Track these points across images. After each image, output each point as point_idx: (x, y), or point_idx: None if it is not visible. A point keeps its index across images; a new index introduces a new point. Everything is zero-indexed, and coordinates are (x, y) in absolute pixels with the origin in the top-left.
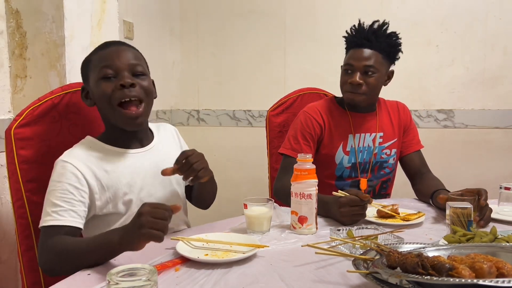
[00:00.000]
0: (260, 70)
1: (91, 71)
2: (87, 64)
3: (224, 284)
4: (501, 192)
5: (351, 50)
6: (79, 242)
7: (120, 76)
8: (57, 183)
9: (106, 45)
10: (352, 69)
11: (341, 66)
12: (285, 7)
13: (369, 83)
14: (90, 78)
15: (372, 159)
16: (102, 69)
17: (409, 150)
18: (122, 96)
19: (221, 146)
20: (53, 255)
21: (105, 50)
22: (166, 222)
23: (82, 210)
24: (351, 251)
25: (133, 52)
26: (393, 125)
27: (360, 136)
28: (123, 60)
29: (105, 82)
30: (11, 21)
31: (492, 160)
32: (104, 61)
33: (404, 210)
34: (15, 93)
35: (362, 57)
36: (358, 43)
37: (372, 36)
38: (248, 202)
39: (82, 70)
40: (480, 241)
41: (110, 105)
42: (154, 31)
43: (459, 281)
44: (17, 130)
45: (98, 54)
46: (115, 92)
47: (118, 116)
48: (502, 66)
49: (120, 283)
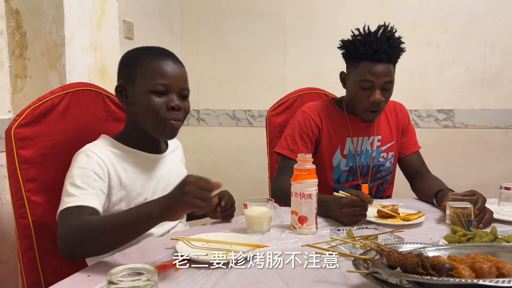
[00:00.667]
0: (260, 70)
1: (141, 77)
2: (134, 64)
3: (224, 284)
4: (501, 192)
5: (366, 63)
6: (109, 217)
7: (171, 96)
8: (82, 169)
9: (161, 53)
10: (372, 85)
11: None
12: (285, 7)
13: (387, 98)
14: (137, 82)
15: (369, 163)
16: (157, 85)
17: (407, 152)
18: (170, 117)
19: (221, 146)
20: (79, 234)
21: (162, 62)
22: (209, 194)
23: (103, 199)
24: (351, 251)
25: (185, 73)
26: (391, 127)
27: (358, 139)
28: (177, 82)
29: (156, 97)
30: (11, 21)
31: (492, 160)
32: (160, 76)
33: (404, 210)
34: (15, 93)
35: (382, 73)
36: (376, 57)
37: (389, 49)
38: (248, 202)
39: (125, 66)
40: (480, 241)
41: (156, 118)
42: (154, 31)
43: (459, 281)
44: (17, 130)
45: (153, 63)
46: (163, 109)
47: (160, 129)
48: (502, 66)
49: (120, 283)
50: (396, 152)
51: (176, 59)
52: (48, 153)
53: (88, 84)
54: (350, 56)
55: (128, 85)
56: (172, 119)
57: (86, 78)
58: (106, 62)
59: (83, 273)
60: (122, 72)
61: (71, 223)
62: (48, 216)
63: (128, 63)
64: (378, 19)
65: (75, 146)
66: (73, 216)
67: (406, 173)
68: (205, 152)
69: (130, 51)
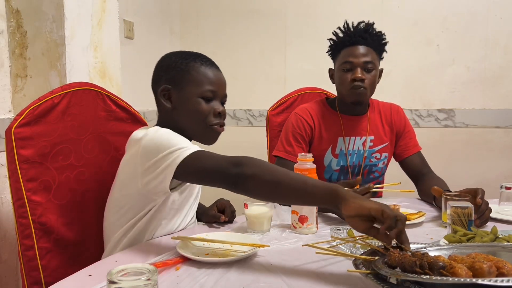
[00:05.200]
0: (261, 70)
1: (191, 81)
2: (182, 69)
3: (224, 284)
4: (501, 192)
5: (345, 49)
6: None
7: (217, 103)
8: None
9: (206, 60)
10: (352, 66)
11: (331, 69)
12: (285, 7)
13: (369, 79)
14: (185, 86)
15: (361, 163)
16: (207, 91)
17: (407, 154)
18: (218, 123)
19: (221, 146)
20: (264, 169)
21: (209, 69)
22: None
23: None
24: (351, 250)
25: (225, 80)
26: (385, 128)
27: (350, 139)
28: (222, 89)
29: (205, 103)
30: (11, 21)
31: (492, 159)
32: (210, 83)
33: (405, 210)
34: (16, 92)
35: (360, 54)
36: (352, 41)
37: (365, 34)
38: (248, 201)
39: (171, 70)
40: (480, 240)
41: (203, 123)
42: (155, 30)
43: (458, 280)
44: (18, 130)
45: (202, 69)
46: (210, 115)
47: (206, 133)
48: (502, 65)
49: (121, 282)
50: (390, 154)
51: (217, 66)
52: (48, 152)
53: (88, 84)
54: (333, 50)
55: (174, 89)
56: (217, 125)
57: (86, 78)
58: (107, 61)
59: (84, 272)
60: (165, 76)
61: (255, 160)
62: (48, 215)
63: (173, 67)
64: (378, 19)
65: (75, 146)
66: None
67: (409, 174)
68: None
69: (172, 55)
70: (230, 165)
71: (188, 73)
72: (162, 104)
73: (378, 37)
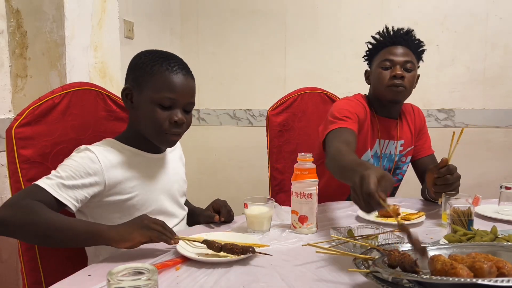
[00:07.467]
0: (261, 70)
1: (150, 86)
2: (145, 71)
3: (224, 284)
4: (501, 192)
5: (385, 49)
6: (58, 216)
7: (175, 111)
8: (71, 161)
9: (174, 65)
10: (392, 63)
11: (367, 70)
12: (285, 7)
13: (408, 79)
14: (145, 90)
15: (391, 167)
16: (164, 98)
17: (421, 155)
18: (172, 131)
19: (221, 146)
20: (24, 214)
21: (173, 75)
22: (165, 228)
23: (81, 194)
24: (351, 250)
25: (193, 87)
26: (411, 132)
27: (384, 142)
28: (184, 97)
29: (161, 110)
30: (11, 21)
31: (492, 159)
32: (168, 90)
33: (405, 210)
34: (16, 92)
35: (400, 53)
36: (393, 41)
37: (406, 36)
38: (248, 201)
39: (135, 71)
40: (480, 240)
41: (158, 130)
42: (155, 30)
43: (458, 280)
44: (18, 130)
45: (165, 75)
46: (165, 123)
47: (160, 139)
48: (502, 65)
49: (121, 282)
50: (411, 156)
51: (188, 71)
52: (48, 152)
53: (88, 84)
54: (372, 52)
55: (135, 90)
56: (172, 133)
57: (87, 78)
58: (107, 61)
59: (84, 272)
60: (131, 76)
61: (27, 198)
62: None
63: (139, 68)
64: (378, 19)
65: (76, 146)
66: (35, 193)
67: (418, 174)
68: (205, 152)
69: (143, 55)
70: (4, 206)
71: (151, 76)
72: (125, 103)
73: (418, 42)
